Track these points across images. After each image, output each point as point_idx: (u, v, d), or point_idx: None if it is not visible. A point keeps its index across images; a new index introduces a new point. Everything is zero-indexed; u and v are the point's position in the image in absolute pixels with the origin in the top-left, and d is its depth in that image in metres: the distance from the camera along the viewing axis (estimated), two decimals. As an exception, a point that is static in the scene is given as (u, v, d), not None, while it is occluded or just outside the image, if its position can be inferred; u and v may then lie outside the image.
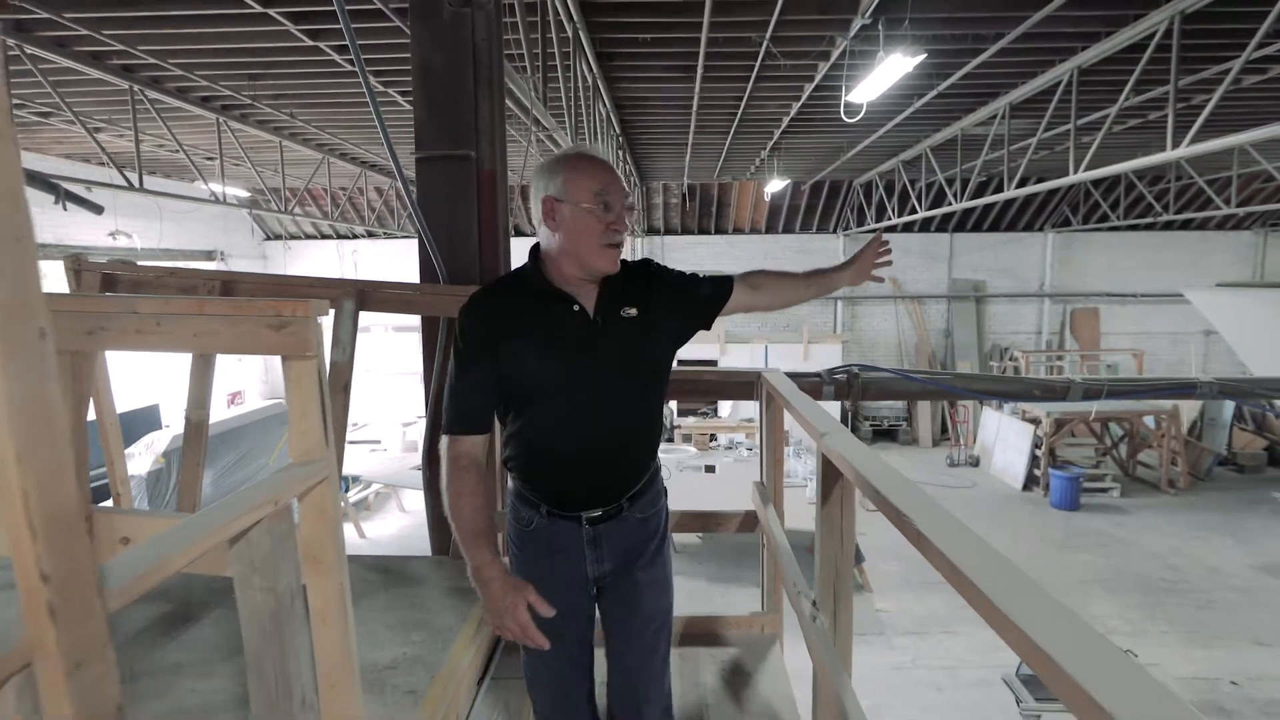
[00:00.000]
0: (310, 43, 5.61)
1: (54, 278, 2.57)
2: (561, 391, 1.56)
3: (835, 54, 5.72)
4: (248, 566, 1.24)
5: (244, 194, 11.28)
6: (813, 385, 2.81)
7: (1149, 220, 12.39)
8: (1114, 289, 15.02)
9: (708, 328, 1.76)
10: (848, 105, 5.65)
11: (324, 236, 15.54)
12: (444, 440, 1.59)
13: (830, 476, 1.62)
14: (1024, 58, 6.11)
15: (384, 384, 13.55)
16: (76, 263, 2.53)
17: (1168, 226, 14.48)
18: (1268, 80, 6.40)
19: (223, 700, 1.80)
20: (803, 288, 1.85)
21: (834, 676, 1.51)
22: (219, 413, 10.42)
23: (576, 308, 1.57)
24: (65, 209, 5.69)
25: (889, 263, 1.98)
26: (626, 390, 1.61)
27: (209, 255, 13.85)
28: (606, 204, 1.52)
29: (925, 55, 4.68)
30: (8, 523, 0.77)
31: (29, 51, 5.59)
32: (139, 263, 2.64)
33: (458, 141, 2.59)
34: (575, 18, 4.97)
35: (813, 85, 6.66)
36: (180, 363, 2.64)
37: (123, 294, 2.24)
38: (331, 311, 2.16)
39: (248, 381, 14.96)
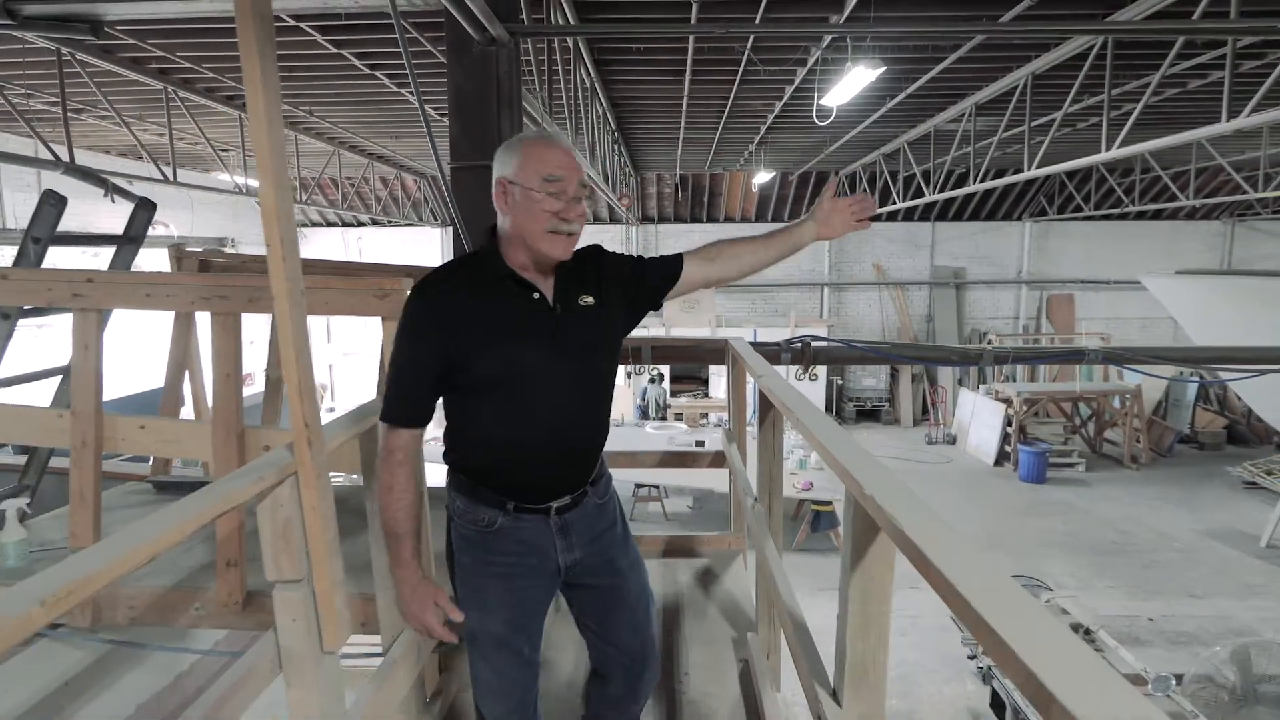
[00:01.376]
0: (334, 50, 6.18)
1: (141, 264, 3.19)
2: (527, 381, 1.50)
3: (811, 61, 6.33)
4: (369, 453, 1.89)
5: (256, 184, 11.82)
6: (772, 352, 3.45)
7: (1120, 211, 13.04)
8: (1088, 276, 15.71)
9: (656, 309, 1.73)
10: (820, 109, 6.26)
11: (330, 224, 16.09)
12: (381, 429, 1.53)
13: (765, 406, 2.27)
14: (985, 64, 6.72)
15: (366, 365, 14.16)
16: (178, 251, 3.16)
17: (1140, 216, 15.16)
18: (1185, 93, 7.07)
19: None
20: (762, 249, 1.74)
21: (765, 545, 2.17)
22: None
23: (536, 295, 1.51)
24: (114, 201, 6.25)
25: (872, 216, 1.79)
26: (588, 377, 1.57)
27: (220, 242, 14.40)
28: (556, 191, 1.45)
29: (885, 68, 5.28)
30: (291, 392, 1.43)
31: (78, 56, 6.15)
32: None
33: (485, 154, 3.21)
34: (573, 20, 5.56)
35: (792, 87, 7.26)
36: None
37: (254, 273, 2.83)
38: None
39: (256, 365, 15.54)
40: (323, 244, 15.96)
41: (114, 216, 10.97)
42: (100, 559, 0.97)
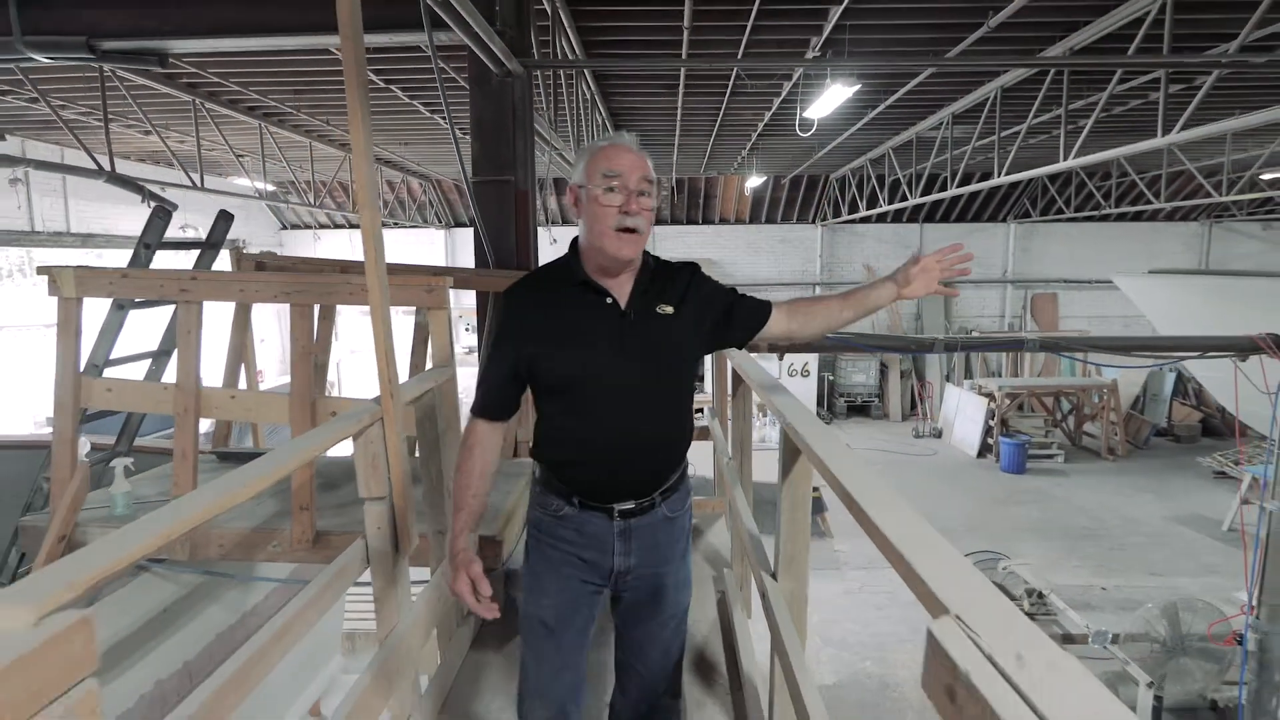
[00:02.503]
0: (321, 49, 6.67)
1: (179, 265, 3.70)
2: (591, 382, 1.55)
3: (795, 77, 6.85)
4: (425, 415, 2.40)
5: (270, 188, 12.33)
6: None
7: (1102, 213, 13.58)
8: (1071, 275, 16.24)
9: (740, 346, 1.75)
10: (802, 121, 6.78)
11: (337, 226, 16.60)
12: (469, 418, 1.69)
13: (736, 381, 2.79)
14: (959, 79, 7.25)
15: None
16: (237, 254, 3.68)
17: (1121, 218, 15.71)
18: (1129, 110, 7.63)
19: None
20: (838, 310, 1.75)
21: (736, 491, 2.68)
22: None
23: (609, 300, 1.55)
24: (149, 207, 6.73)
25: (965, 270, 1.80)
26: (656, 385, 1.59)
27: (232, 243, 14.90)
28: (617, 186, 1.50)
29: (860, 85, 5.80)
30: (379, 359, 1.95)
31: (118, 73, 6.65)
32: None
33: (501, 170, 3.75)
34: (579, 52, 6.07)
35: (779, 100, 7.78)
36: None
37: (328, 272, 3.34)
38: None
39: (267, 363, 16.06)
40: (332, 245, 16.47)
41: (124, 218, 11.48)
42: (251, 476, 1.48)
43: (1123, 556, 8.53)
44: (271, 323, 14.52)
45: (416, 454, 2.58)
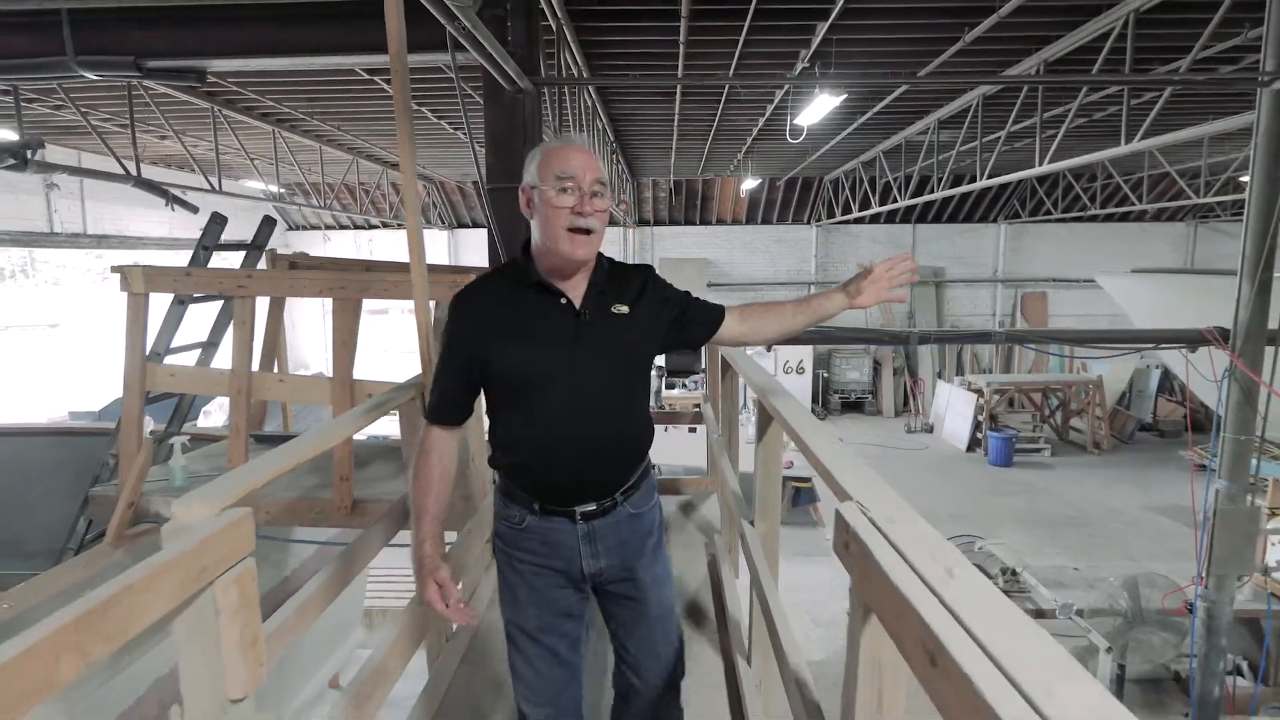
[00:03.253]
0: (368, 76, 7.05)
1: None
2: (547, 383, 1.53)
3: (786, 86, 7.21)
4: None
5: (278, 190, 12.68)
6: (741, 333, 4.33)
7: (1091, 214, 13.97)
8: (1060, 275, 16.62)
9: (694, 348, 1.75)
10: (793, 128, 7.14)
11: (342, 227, 16.96)
12: (424, 424, 1.67)
13: (724, 367, 3.16)
14: (941, 88, 7.61)
15: (399, 360, 15.04)
16: (272, 255, 4.04)
17: (1109, 219, 16.09)
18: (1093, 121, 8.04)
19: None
20: (790, 317, 1.78)
21: (723, 461, 3.04)
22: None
23: (564, 300, 1.55)
24: (173, 210, 7.12)
25: (911, 278, 1.83)
26: (612, 385, 1.59)
27: (239, 245, 15.25)
28: (570, 187, 1.48)
29: (846, 95, 6.16)
30: (420, 341, 2.33)
31: (144, 82, 7.00)
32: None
33: (513, 178, 4.10)
34: (581, 64, 6.44)
35: (772, 106, 8.15)
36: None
37: (355, 270, 3.69)
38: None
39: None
40: (340, 245, 16.82)
41: (186, 225, 11.83)
42: (315, 441, 1.84)
43: (1101, 543, 8.90)
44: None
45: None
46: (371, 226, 16.84)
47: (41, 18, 4.07)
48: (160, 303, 3.19)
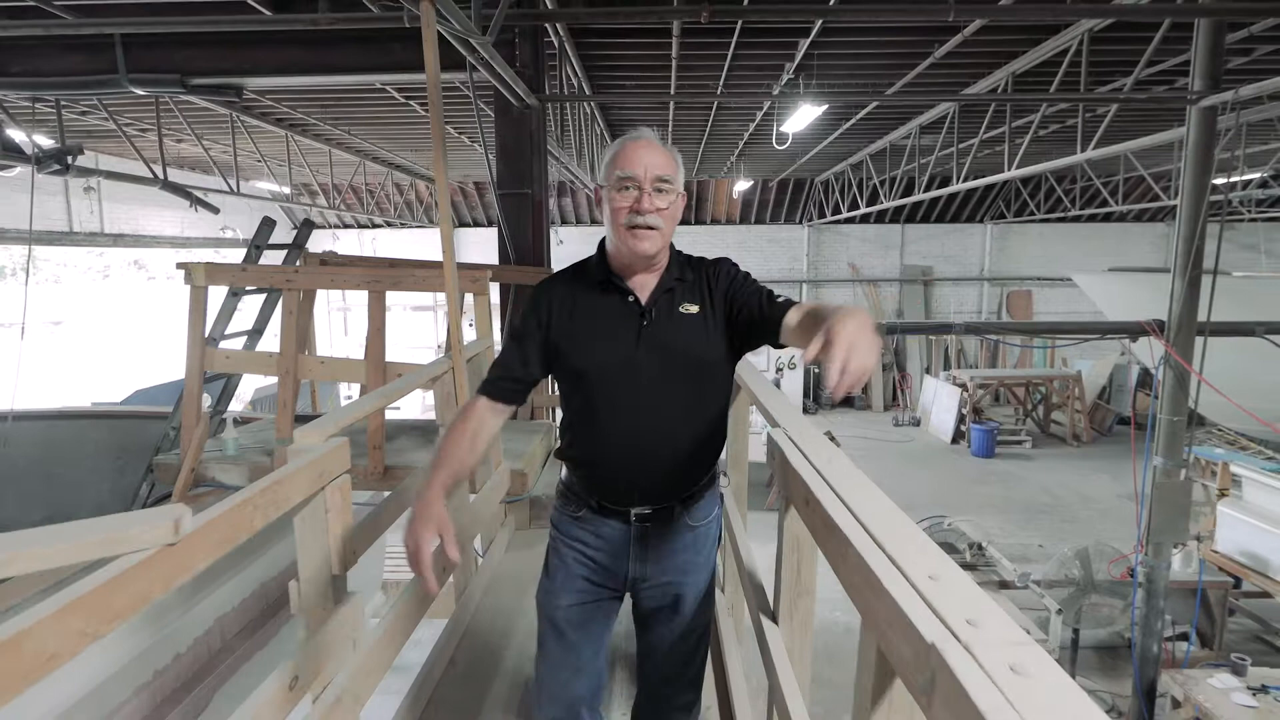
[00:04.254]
0: (379, 86, 7.50)
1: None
2: (608, 380, 1.54)
3: (773, 95, 7.68)
4: (475, 370, 3.23)
5: (287, 190, 13.13)
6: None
7: (1074, 214, 14.47)
8: (1045, 274, 17.11)
9: (776, 345, 1.55)
10: (779, 135, 7.61)
11: (346, 226, 17.40)
12: (472, 397, 1.64)
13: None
14: (920, 95, 8.08)
15: (403, 356, 15.48)
16: (304, 253, 4.50)
17: (1092, 219, 16.60)
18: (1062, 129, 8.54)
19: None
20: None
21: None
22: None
23: (631, 298, 1.55)
24: (196, 211, 7.56)
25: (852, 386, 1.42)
26: (672, 390, 1.54)
27: (245, 243, 15.71)
28: (630, 185, 1.49)
29: (827, 107, 6.63)
30: (452, 325, 2.82)
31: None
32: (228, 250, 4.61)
33: (521, 184, 4.58)
34: (581, 75, 6.91)
35: (761, 113, 8.62)
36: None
37: (380, 267, 4.15)
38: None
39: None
40: (348, 244, 17.26)
41: (206, 224, 12.26)
42: (359, 409, 2.31)
43: (1072, 527, 9.39)
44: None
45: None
46: (375, 225, 17.29)
47: (96, 40, 4.53)
48: (172, 295, 3.65)
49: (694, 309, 1.56)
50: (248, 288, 3.61)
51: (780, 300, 1.58)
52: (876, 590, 0.91)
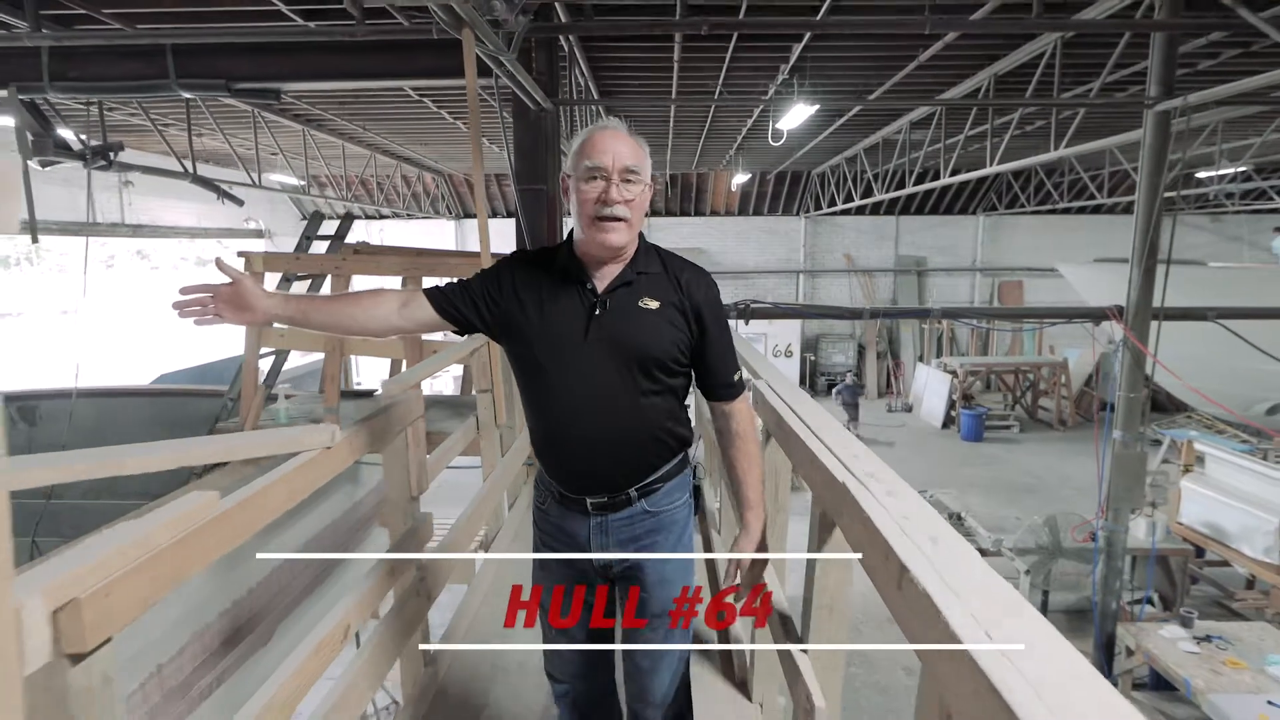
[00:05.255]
0: (395, 84, 7.91)
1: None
2: (554, 370, 1.53)
3: (769, 94, 8.11)
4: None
5: (298, 182, 13.54)
6: (726, 310, 5.28)
7: (1064, 206, 14.90)
8: (1035, 264, 17.54)
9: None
10: (774, 132, 8.04)
11: (355, 218, 17.82)
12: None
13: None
14: (909, 94, 8.51)
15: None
16: (339, 245, 4.94)
17: (1081, 211, 17.01)
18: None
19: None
20: (748, 474, 1.71)
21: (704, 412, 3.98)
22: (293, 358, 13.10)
23: (588, 285, 1.54)
24: (223, 204, 7.99)
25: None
26: (621, 381, 1.53)
27: (258, 234, 16.12)
28: (598, 175, 1.47)
29: (819, 107, 7.06)
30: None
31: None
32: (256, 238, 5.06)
33: (536, 181, 5.03)
34: (588, 75, 7.34)
35: (758, 110, 9.04)
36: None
37: (408, 256, 4.60)
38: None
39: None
40: (354, 234, 17.68)
41: (231, 216, 12.72)
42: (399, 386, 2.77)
43: (1052, 505, 9.81)
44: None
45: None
46: (383, 216, 17.70)
47: (149, 48, 4.96)
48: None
49: (653, 304, 1.54)
50: (299, 274, 4.06)
51: (731, 382, 1.66)
52: (817, 466, 1.38)
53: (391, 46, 4.91)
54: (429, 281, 4.06)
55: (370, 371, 17.56)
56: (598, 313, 1.53)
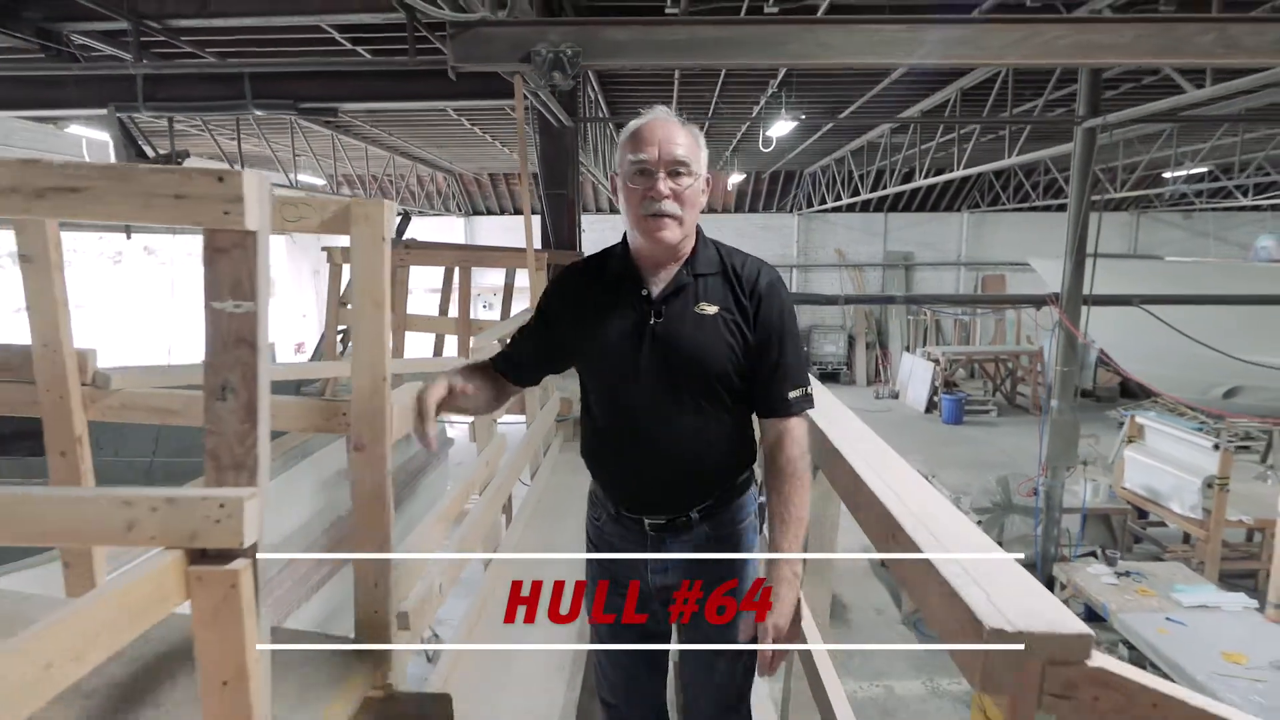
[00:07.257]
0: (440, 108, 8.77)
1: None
2: (612, 382, 1.47)
3: (760, 105, 9.00)
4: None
5: (321, 182, 14.42)
6: (717, 296, 6.17)
7: (1045, 203, 15.79)
8: (1017, 259, 18.41)
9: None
10: (764, 139, 8.93)
11: (410, 215, 18.69)
12: None
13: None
14: (888, 104, 9.40)
15: (419, 338, 16.80)
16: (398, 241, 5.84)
17: (1061, 209, 17.87)
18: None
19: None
20: (775, 504, 1.47)
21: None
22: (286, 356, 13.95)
23: (644, 291, 1.44)
24: (268, 203, 8.81)
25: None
26: (680, 393, 1.42)
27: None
28: (643, 170, 1.37)
29: (804, 117, 7.94)
30: (534, 293, 4.18)
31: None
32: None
33: (559, 186, 5.92)
34: (597, 89, 8.21)
35: (752, 117, 9.93)
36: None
37: (451, 251, 5.48)
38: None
39: (309, 335, 18.16)
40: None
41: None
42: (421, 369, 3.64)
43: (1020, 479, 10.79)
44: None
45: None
46: (399, 213, 18.57)
47: (228, 74, 5.84)
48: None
49: (711, 310, 1.43)
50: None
51: (787, 396, 1.47)
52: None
53: (436, 72, 5.79)
54: (477, 273, 4.94)
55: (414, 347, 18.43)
56: (654, 321, 1.44)
